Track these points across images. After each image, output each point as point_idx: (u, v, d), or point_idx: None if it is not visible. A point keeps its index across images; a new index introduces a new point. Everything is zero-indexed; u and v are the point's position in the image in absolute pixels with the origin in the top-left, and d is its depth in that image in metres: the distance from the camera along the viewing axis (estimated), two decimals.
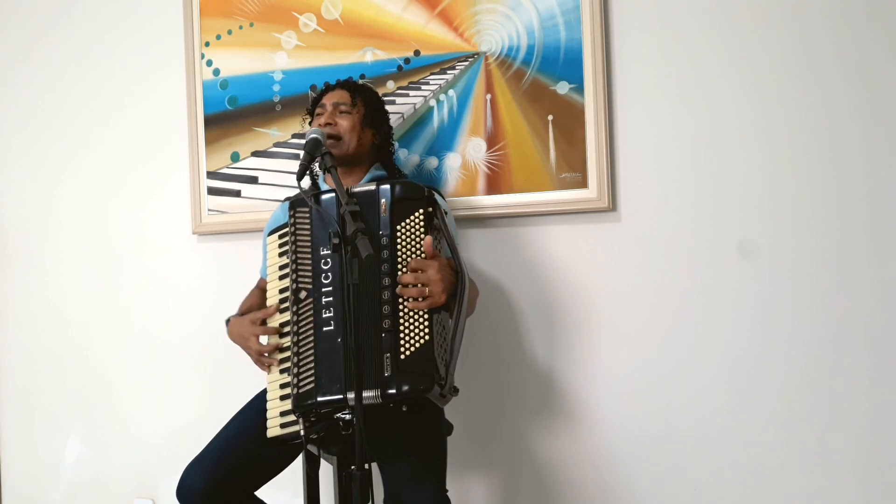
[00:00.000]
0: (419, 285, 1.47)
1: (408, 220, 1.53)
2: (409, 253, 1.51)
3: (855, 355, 1.77)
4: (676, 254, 1.89)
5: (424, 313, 1.47)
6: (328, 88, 1.86)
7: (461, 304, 1.50)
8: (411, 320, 1.47)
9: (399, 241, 1.52)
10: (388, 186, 1.56)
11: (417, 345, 1.46)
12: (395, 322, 1.47)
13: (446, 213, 1.64)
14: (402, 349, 1.46)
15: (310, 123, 1.86)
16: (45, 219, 2.53)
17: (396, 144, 1.97)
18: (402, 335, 1.47)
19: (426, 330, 1.46)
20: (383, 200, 1.55)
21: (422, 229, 1.53)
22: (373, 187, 1.57)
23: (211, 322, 2.27)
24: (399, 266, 1.51)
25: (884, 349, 1.75)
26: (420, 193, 1.56)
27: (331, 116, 1.77)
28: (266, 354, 1.60)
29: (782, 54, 1.81)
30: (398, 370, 1.44)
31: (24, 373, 2.55)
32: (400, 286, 1.48)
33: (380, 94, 1.92)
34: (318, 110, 1.82)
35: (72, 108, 2.49)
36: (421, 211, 1.54)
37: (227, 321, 1.75)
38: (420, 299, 1.47)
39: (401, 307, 1.48)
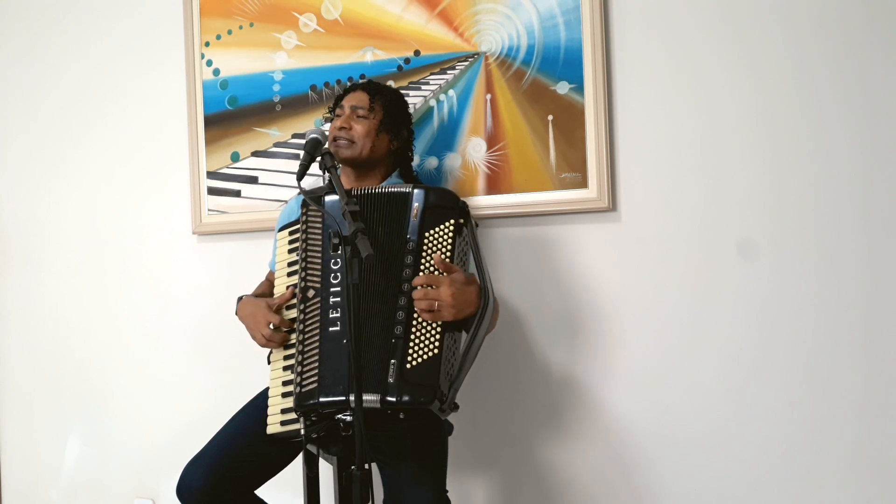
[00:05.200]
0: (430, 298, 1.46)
1: (437, 229, 1.53)
2: (433, 262, 1.50)
3: (854, 354, 1.77)
4: (676, 253, 1.89)
5: (438, 326, 1.47)
6: (350, 88, 1.84)
7: (480, 325, 1.49)
8: (423, 331, 1.47)
9: (425, 248, 1.52)
10: (422, 191, 1.56)
11: (425, 357, 1.45)
12: (406, 329, 1.47)
13: (476, 225, 1.62)
14: (410, 358, 1.45)
15: (329, 121, 1.85)
16: (45, 219, 2.53)
17: (414, 152, 1.95)
18: (411, 344, 1.46)
19: (437, 343, 1.46)
20: (416, 204, 1.55)
21: (450, 240, 1.52)
22: (407, 189, 1.56)
23: (211, 322, 2.28)
24: (422, 274, 1.50)
25: (883, 348, 1.75)
26: (453, 203, 1.56)
27: (347, 120, 1.76)
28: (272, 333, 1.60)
29: (782, 54, 1.81)
30: (402, 379, 1.43)
31: (24, 373, 2.55)
32: (415, 299, 1.47)
33: (403, 97, 1.88)
34: (337, 111, 1.81)
35: (72, 108, 2.49)
36: (452, 221, 1.53)
37: (240, 299, 1.74)
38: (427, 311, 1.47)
39: (415, 316, 1.48)
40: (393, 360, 1.45)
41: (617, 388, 1.93)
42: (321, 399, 1.46)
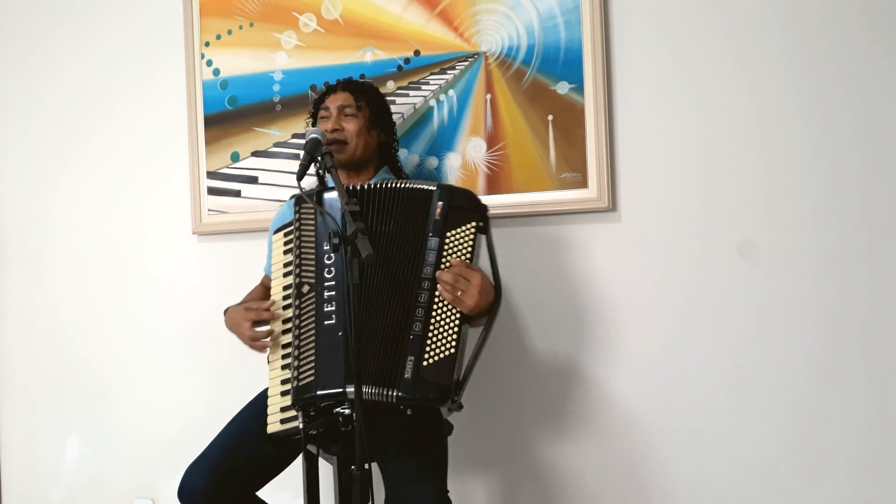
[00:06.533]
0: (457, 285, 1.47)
1: (459, 230, 1.54)
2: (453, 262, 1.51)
3: (853, 354, 1.77)
4: (676, 253, 1.89)
5: (456, 326, 1.48)
6: (330, 90, 1.83)
7: (491, 325, 1.51)
8: (441, 330, 1.47)
9: (447, 248, 1.52)
10: (446, 190, 1.56)
11: (442, 355, 1.46)
12: (425, 327, 1.48)
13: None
14: (427, 356, 1.46)
15: (312, 125, 1.85)
16: (45, 219, 2.53)
17: (398, 146, 1.97)
18: (429, 342, 1.47)
19: (454, 342, 1.47)
20: (440, 203, 1.54)
21: (471, 241, 1.53)
22: (431, 187, 1.57)
23: (211, 322, 2.27)
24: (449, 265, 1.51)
25: (882, 347, 1.75)
26: (475, 206, 1.57)
27: (337, 121, 1.75)
28: (265, 338, 1.60)
29: (781, 54, 1.81)
30: (418, 376, 1.44)
31: (24, 373, 2.55)
32: (442, 279, 1.48)
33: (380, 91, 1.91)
34: (321, 113, 1.80)
35: (72, 108, 2.49)
36: (473, 224, 1.54)
37: (225, 311, 1.74)
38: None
39: (434, 314, 1.48)
40: (411, 357, 1.45)
41: (617, 388, 1.93)
42: (318, 392, 1.46)
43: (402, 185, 1.57)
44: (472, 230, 1.53)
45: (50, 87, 2.52)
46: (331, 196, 1.58)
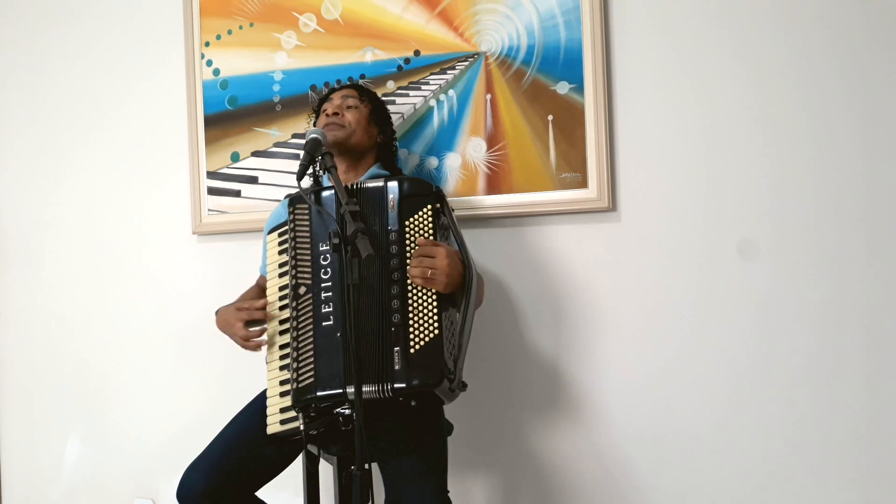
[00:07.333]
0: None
1: (416, 216, 1.55)
2: (418, 246, 1.52)
3: (855, 355, 1.77)
4: (676, 253, 1.89)
5: (434, 308, 1.49)
6: (333, 90, 1.88)
7: (469, 297, 1.52)
8: (420, 315, 1.48)
9: (408, 237, 1.54)
10: (395, 183, 1.58)
11: (427, 339, 1.47)
12: (404, 316, 1.49)
13: (453, 210, 1.65)
14: (412, 343, 1.47)
15: (314, 123, 1.86)
16: (45, 219, 2.53)
17: (398, 147, 1.98)
18: (411, 329, 1.48)
19: (435, 324, 1.48)
20: (391, 196, 1.57)
21: (430, 225, 1.55)
22: (380, 183, 1.59)
23: (211, 322, 2.27)
24: (408, 262, 1.52)
25: (884, 348, 1.75)
26: (428, 190, 1.58)
27: (339, 108, 1.80)
28: (258, 337, 1.61)
29: (782, 54, 1.82)
30: (408, 364, 1.45)
31: (24, 373, 2.55)
32: (410, 268, 1.49)
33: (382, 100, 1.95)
34: (324, 105, 1.84)
35: (72, 107, 2.49)
36: (429, 207, 1.56)
37: (217, 312, 1.75)
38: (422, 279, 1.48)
39: (410, 302, 1.49)
40: (397, 348, 1.46)
41: (618, 388, 1.93)
42: (318, 393, 1.46)
43: (359, 186, 1.59)
44: (429, 213, 1.55)
45: (50, 87, 2.52)
46: (327, 196, 1.58)
